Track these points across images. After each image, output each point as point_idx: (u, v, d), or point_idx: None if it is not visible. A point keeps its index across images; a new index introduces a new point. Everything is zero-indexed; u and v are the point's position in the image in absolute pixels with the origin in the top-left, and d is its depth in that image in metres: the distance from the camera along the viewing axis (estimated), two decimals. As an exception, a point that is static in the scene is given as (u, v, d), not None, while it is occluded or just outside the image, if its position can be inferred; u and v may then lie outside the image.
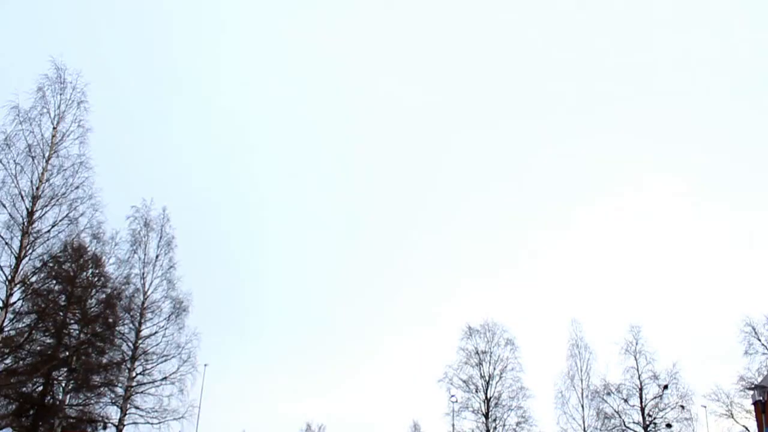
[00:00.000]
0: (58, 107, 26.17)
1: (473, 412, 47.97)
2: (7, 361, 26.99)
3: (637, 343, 47.42)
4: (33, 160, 24.94)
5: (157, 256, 35.34)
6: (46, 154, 25.48)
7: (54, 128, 25.97)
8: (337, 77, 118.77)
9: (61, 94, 26.31)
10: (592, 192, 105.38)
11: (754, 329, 41.82)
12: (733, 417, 41.97)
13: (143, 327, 34.06)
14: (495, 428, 47.14)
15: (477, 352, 49.80)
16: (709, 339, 74.93)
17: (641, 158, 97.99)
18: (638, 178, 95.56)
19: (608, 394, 46.79)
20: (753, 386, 38.42)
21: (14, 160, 24.39)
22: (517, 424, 47.15)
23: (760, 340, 41.71)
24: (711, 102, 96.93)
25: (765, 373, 40.21)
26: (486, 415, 47.47)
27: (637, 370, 46.76)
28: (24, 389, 31.22)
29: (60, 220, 25.57)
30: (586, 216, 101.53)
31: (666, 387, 45.65)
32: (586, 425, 46.69)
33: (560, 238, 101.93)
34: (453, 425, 47.01)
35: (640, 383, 46.42)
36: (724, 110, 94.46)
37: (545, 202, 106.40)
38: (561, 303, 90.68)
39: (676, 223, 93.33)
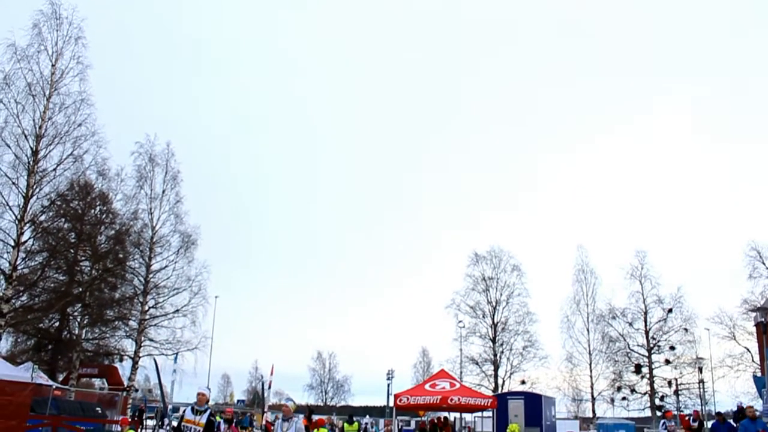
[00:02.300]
0: (56, 44, 25.63)
1: (480, 336, 49.07)
2: (23, 298, 27.47)
3: (642, 268, 47.85)
4: (34, 98, 24.61)
5: (163, 191, 35.31)
6: (47, 92, 25.13)
7: (53, 65, 25.49)
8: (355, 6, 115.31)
9: (57, 31, 25.72)
10: (598, 122, 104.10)
11: (759, 253, 41.93)
12: (735, 339, 42.69)
13: (153, 261, 34.40)
14: (502, 352, 48.26)
15: (484, 279, 50.44)
16: (714, 264, 75.77)
17: (645, 90, 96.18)
18: (643, 109, 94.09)
19: (613, 318, 47.56)
20: (755, 308, 38.80)
21: (15, 99, 24.07)
22: (524, 347, 48.26)
23: (764, 264, 41.86)
24: (713, 36, 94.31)
25: (768, 295, 40.63)
26: (493, 340, 48.50)
27: (642, 295, 47.36)
28: (41, 325, 31.94)
29: (65, 158, 25.49)
30: (591, 144, 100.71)
31: (670, 310, 46.32)
32: (591, 348, 47.76)
33: (566, 165, 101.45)
34: (461, 350, 48.15)
35: (645, 307, 47.11)
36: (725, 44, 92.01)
37: (552, 133, 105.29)
38: (567, 230, 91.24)
39: (682, 150, 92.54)
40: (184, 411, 9.54)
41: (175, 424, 9.82)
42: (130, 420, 22.05)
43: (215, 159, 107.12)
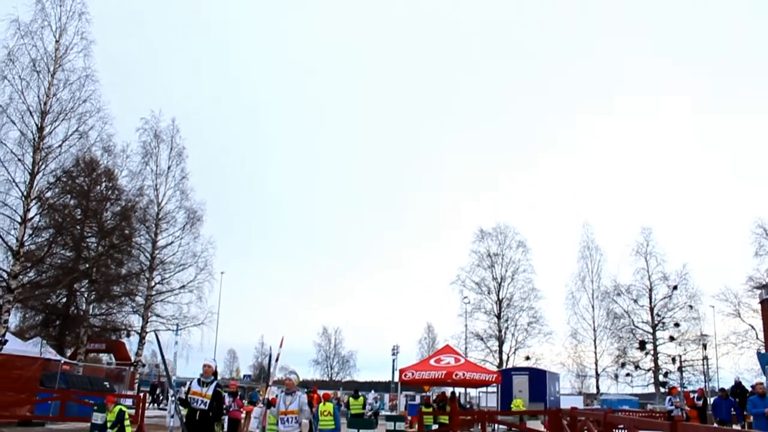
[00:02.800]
0: (59, 19, 25.63)
1: (485, 312, 49.21)
2: (31, 274, 27.70)
3: (647, 245, 47.80)
4: (38, 75, 24.65)
5: (168, 167, 35.33)
6: (51, 69, 25.13)
7: (57, 41, 25.47)
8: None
9: (60, 6, 25.71)
10: (602, 98, 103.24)
11: (765, 231, 41.80)
12: (740, 316, 42.72)
13: (159, 237, 34.52)
14: (507, 328, 48.44)
15: (489, 255, 50.45)
16: (719, 242, 75.43)
17: (647, 70, 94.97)
18: (645, 87, 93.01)
19: (618, 294, 47.64)
20: (761, 285, 38.80)
21: (19, 76, 24.14)
22: (529, 323, 48.42)
23: (770, 241, 41.77)
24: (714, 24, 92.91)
25: (774, 273, 40.57)
26: (498, 316, 48.65)
27: (647, 272, 47.37)
28: (49, 301, 32.22)
29: (70, 135, 25.60)
30: (598, 121, 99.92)
31: (675, 287, 46.32)
32: (595, 325, 47.91)
33: (572, 142, 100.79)
34: (466, 326, 48.30)
35: (650, 284, 47.14)
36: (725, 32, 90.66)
37: (556, 110, 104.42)
38: (573, 206, 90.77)
39: (687, 127, 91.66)
40: (190, 383, 9.61)
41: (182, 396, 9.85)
42: (121, 397, 22.12)
43: (220, 135, 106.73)
